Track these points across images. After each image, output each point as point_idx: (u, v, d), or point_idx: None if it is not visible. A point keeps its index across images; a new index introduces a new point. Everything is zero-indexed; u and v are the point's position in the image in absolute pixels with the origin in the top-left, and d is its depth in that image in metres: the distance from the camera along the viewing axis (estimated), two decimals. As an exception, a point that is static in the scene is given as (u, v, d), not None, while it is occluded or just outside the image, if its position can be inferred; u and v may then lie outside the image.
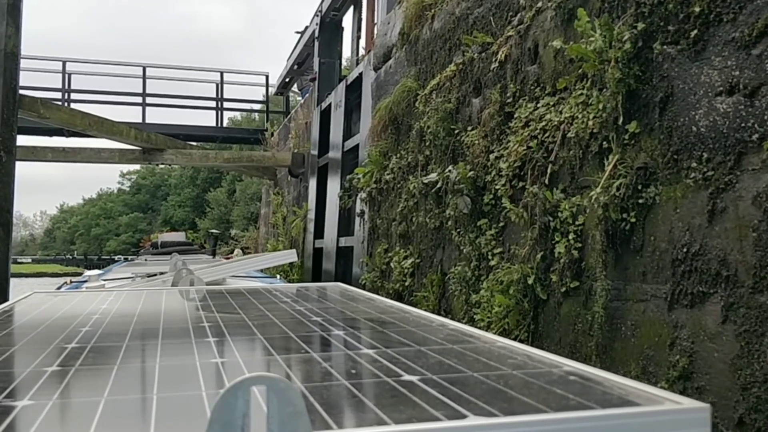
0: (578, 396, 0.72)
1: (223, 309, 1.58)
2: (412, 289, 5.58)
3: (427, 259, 5.36)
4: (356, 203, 7.25)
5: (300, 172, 11.71)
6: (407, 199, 5.69)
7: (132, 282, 3.88)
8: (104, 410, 0.72)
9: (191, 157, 11.64)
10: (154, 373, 0.91)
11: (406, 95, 5.82)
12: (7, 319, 1.47)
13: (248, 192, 31.17)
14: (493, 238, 4.23)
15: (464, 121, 4.79)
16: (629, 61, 3.06)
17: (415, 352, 0.99)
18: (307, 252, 10.34)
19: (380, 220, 6.52)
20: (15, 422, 0.68)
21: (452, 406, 0.69)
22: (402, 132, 6.04)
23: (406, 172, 5.73)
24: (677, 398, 0.68)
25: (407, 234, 5.78)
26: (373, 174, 6.56)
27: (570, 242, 3.43)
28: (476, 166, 4.39)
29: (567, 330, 3.50)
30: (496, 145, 4.24)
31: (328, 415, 0.67)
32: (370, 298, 1.80)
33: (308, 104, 12.03)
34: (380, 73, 7.02)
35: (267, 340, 1.14)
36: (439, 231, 5.11)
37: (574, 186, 3.54)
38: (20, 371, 0.93)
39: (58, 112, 9.59)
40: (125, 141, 10.81)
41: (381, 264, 6.37)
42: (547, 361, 0.91)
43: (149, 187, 62.84)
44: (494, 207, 4.28)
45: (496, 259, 4.15)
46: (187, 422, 0.71)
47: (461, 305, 4.56)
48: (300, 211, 10.79)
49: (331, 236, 8.92)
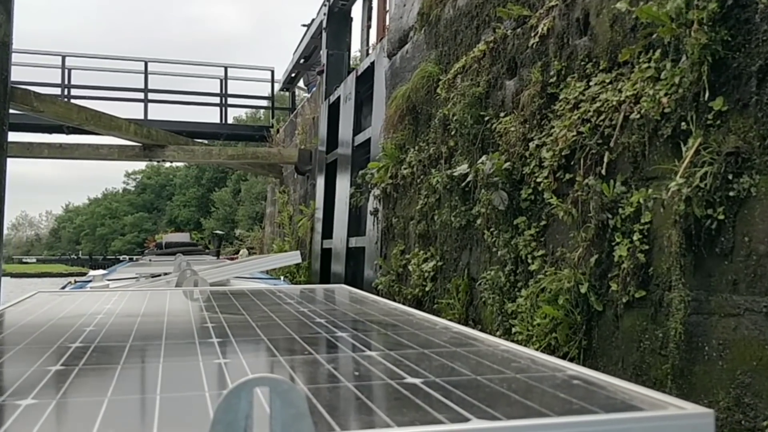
0: (582, 400, 0.72)
1: (226, 310, 1.57)
2: (433, 295, 5.03)
3: (450, 262, 4.81)
4: (369, 201, 6.70)
5: (307, 169, 11.18)
6: (428, 195, 5.14)
7: (136, 282, 3.89)
8: (107, 410, 0.72)
9: (194, 153, 11.07)
10: (157, 374, 0.91)
11: (426, 81, 5.28)
12: (12, 318, 1.47)
13: (253, 191, 30.77)
14: (533, 238, 3.68)
15: (495, 106, 4.24)
16: (715, 23, 2.51)
17: (418, 355, 0.99)
18: (314, 253, 9.80)
19: (396, 218, 5.98)
20: (18, 421, 0.68)
21: (455, 409, 0.69)
22: (421, 122, 5.49)
23: (427, 165, 5.19)
24: (681, 403, 0.68)
25: (427, 234, 5.24)
26: (388, 169, 6.02)
27: (634, 244, 2.87)
28: (512, 157, 3.84)
29: (630, 348, 2.95)
30: (536, 131, 3.69)
31: (331, 417, 0.67)
32: (374, 301, 1.77)
33: (315, 98, 11.49)
34: (395, 59, 6.48)
35: (270, 341, 1.14)
36: (466, 230, 4.56)
37: (638, 177, 2.98)
38: (24, 370, 0.92)
39: (53, 106, 9.05)
40: (124, 136, 10.26)
41: (397, 267, 5.83)
42: (550, 365, 0.90)
43: (154, 186, 62.61)
44: (534, 203, 3.73)
45: (537, 263, 3.60)
46: (190, 423, 0.71)
47: (493, 315, 4.02)
48: (307, 209, 10.25)
49: (340, 236, 8.38)
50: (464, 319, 4.46)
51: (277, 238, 12.74)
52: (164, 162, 10.94)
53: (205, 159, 11.44)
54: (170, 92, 15.41)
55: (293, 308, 1.60)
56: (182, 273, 2.78)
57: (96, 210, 67.36)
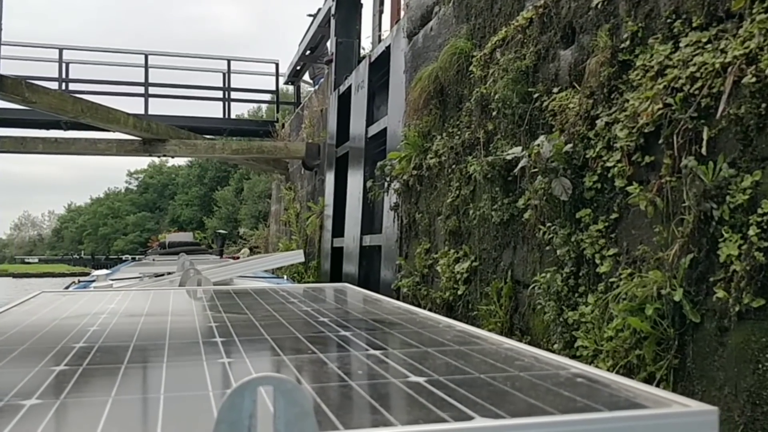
0: (585, 398, 0.72)
1: (230, 309, 1.56)
2: (467, 300, 4.44)
3: (489, 263, 4.22)
4: (387, 195, 6.11)
5: (315, 164, 10.61)
6: (461, 186, 4.56)
7: (140, 282, 3.86)
8: (111, 410, 0.72)
9: (196, 148, 10.45)
10: (161, 373, 0.91)
11: (456, 59, 4.69)
12: (16, 318, 1.46)
13: (256, 190, 30.34)
14: (600, 234, 3.09)
15: (547, 81, 3.65)
16: None
17: (421, 354, 0.99)
18: (324, 252, 9.22)
19: (420, 214, 5.39)
20: (22, 421, 0.68)
21: (459, 407, 0.68)
22: (450, 105, 4.91)
23: (460, 152, 4.59)
24: (685, 401, 0.67)
25: (459, 230, 4.65)
26: (411, 159, 5.43)
27: (750, 240, 2.28)
28: (572, 138, 3.25)
29: (743, 370, 2.36)
30: (603, 107, 3.10)
31: (335, 416, 0.67)
32: (377, 299, 1.75)
33: (323, 89, 10.89)
34: (417, 39, 5.88)
35: (274, 340, 1.13)
36: (509, 226, 3.97)
37: (750, 157, 2.39)
38: (28, 370, 0.92)
39: (46, 96, 8.43)
40: (123, 130, 9.63)
41: (421, 267, 5.25)
42: (554, 362, 0.89)
43: (157, 186, 62.30)
44: (601, 192, 3.14)
45: (607, 264, 3.01)
46: (194, 422, 0.70)
47: (548, 324, 3.43)
48: (316, 206, 9.65)
49: (352, 234, 7.79)
50: (508, 328, 3.87)
51: (283, 236, 12.17)
52: (165, 157, 10.26)
53: (208, 154, 10.82)
54: (172, 86, 14.78)
55: (297, 307, 1.59)
56: (185, 272, 2.76)
57: (98, 210, 67.07)
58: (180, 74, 16.77)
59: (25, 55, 14.21)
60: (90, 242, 64.33)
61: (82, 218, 69.42)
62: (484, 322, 4.06)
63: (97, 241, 63.26)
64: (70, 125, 13.11)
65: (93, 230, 64.50)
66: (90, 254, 61.12)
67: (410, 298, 5.30)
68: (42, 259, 65.05)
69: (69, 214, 76.15)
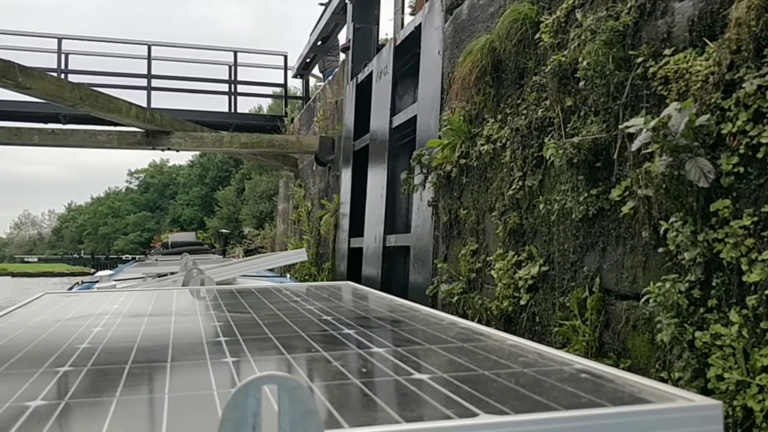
0: (590, 394, 0.71)
1: (233, 308, 1.57)
2: (533, 312, 3.72)
3: (565, 267, 3.50)
4: (421, 190, 5.39)
5: (329, 159, 9.92)
6: (525, 175, 3.84)
7: (143, 282, 3.87)
8: (116, 410, 0.71)
9: (203, 141, 9.67)
10: (165, 373, 0.89)
11: (519, 27, 3.97)
12: (20, 319, 1.46)
13: (257, 190, 29.86)
14: (747, 233, 2.37)
15: (654, 41, 2.93)
16: None
17: (425, 351, 1.00)
18: (339, 253, 8.50)
19: (465, 210, 4.68)
20: (28, 422, 0.68)
21: (463, 404, 0.68)
22: (507, 81, 4.19)
23: (526, 136, 3.87)
24: (689, 395, 0.67)
25: (521, 229, 3.94)
26: (455, 147, 4.72)
27: None
28: (701, 109, 2.53)
29: None
30: (751, 67, 2.38)
31: (339, 414, 0.66)
32: (380, 297, 1.74)
33: (339, 80, 10.18)
34: (460, 12, 5.17)
35: (278, 339, 1.13)
36: (595, 222, 3.25)
37: None
38: (33, 371, 0.91)
39: (41, 82, 7.69)
40: (124, 120, 8.85)
41: (467, 271, 4.54)
42: (558, 359, 0.89)
43: (157, 185, 61.89)
44: (745, 177, 2.42)
45: (758, 272, 2.29)
46: (198, 421, 0.70)
47: (659, 346, 2.71)
48: (330, 204, 8.94)
49: (374, 234, 7.05)
50: (597, 348, 3.15)
51: (293, 236, 11.48)
52: (170, 150, 9.52)
53: (215, 147, 10.10)
54: (175, 78, 14.03)
55: (300, 306, 1.58)
56: (188, 272, 2.76)
57: (98, 209, 66.70)
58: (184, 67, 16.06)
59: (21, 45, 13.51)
60: (90, 242, 63.88)
61: (83, 217, 69.04)
62: (560, 338, 3.34)
63: (98, 240, 62.82)
64: (70, 119, 12.39)
65: (93, 230, 64.05)
66: (90, 254, 60.62)
67: (451, 306, 4.59)
68: (41, 259, 64.59)
69: (69, 214, 75.73)
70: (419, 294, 5.22)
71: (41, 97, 7.99)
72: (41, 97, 7.96)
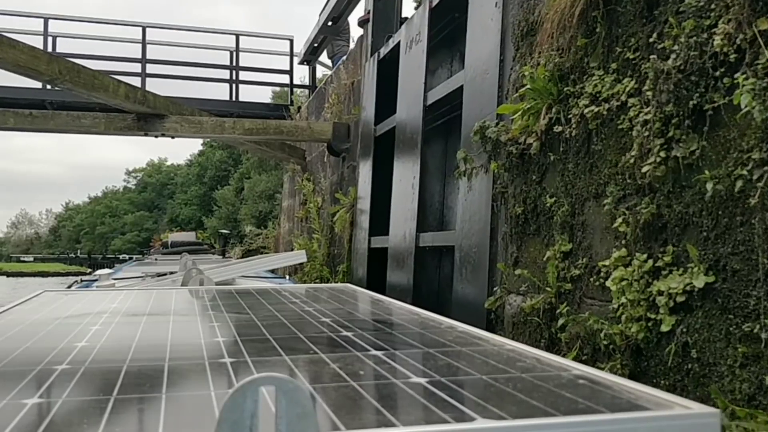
0: (587, 400, 0.72)
1: (232, 309, 1.58)
2: (686, 342, 2.52)
3: (750, 278, 2.29)
4: (480, 173, 4.28)
5: (344, 147, 8.82)
6: (674, 142, 2.68)
7: (142, 281, 3.90)
8: (113, 409, 0.72)
9: (201, 126, 8.48)
10: (163, 372, 0.90)
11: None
12: (18, 317, 1.47)
13: (257, 190, 29.92)
14: None
15: None
16: None
17: (423, 354, 1.00)
18: (357, 254, 7.21)
19: (552, 197, 3.52)
20: (24, 420, 0.68)
21: (460, 408, 0.69)
22: (628, 15, 3.07)
23: (670, 89, 2.66)
24: (687, 403, 0.68)
25: (659, 221, 2.75)
26: (539, 114, 3.57)
27: None
28: None
29: None
30: None
31: (336, 416, 0.67)
32: (378, 300, 1.76)
33: (355, 59, 8.83)
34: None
35: (276, 340, 1.14)
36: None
37: None
38: (29, 369, 0.92)
39: (12, 51, 6.26)
40: (112, 101, 7.57)
41: (555, 281, 3.34)
42: (555, 364, 0.90)
43: (155, 185, 61.94)
44: None
45: None
46: (196, 421, 0.71)
47: None
48: (345, 198, 7.90)
49: (403, 232, 5.74)
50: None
51: (301, 234, 10.86)
52: (164, 137, 8.61)
53: (215, 134, 8.85)
54: (172, 63, 12.56)
55: (298, 307, 1.60)
56: (188, 272, 2.79)
57: (96, 208, 66.72)
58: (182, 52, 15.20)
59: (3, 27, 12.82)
60: (87, 241, 63.87)
61: (80, 217, 69.01)
62: (746, 386, 2.24)
63: (95, 240, 62.83)
64: (57, 106, 11.69)
65: (90, 229, 64.03)
66: (86, 254, 60.54)
67: (529, 327, 3.50)
68: (38, 258, 64.49)
69: (67, 213, 75.67)
70: (469, 309, 4.13)
71: (12, 69, 6.56)
72: (12, 70, 6.56)
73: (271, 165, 30.58)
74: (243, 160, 38.10)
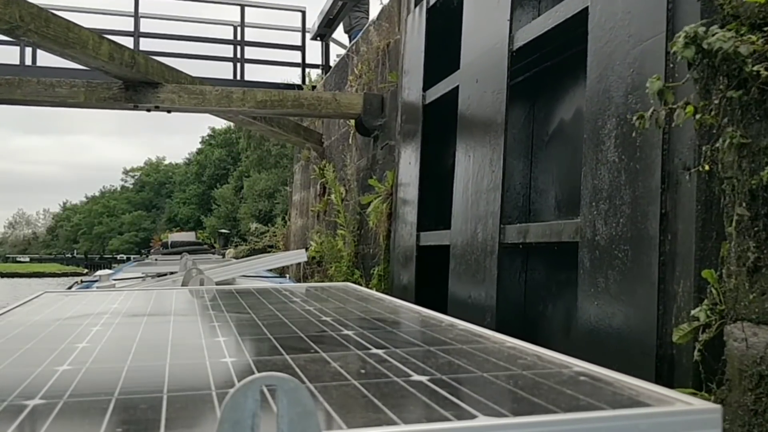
0: (588, 396, 0.72)
1: (232, 309, 1.59)
2: None
3: None
4: (673, 122, 2.18)
5: (377, 124, 7.14)
6: None
7: (142, 282, 3.92)
8: (115, 409, 0.73)
9: (204, 98, 6.74)
10: (164, 372, 0.91)
11: None
12: (19, 318, 1.49)
13: (256, 188, 29.82)
14: None
15: None
16: None
17: (424, 352, 1.00)
18: (400, 254, 5.43)
19: None
20: (26, 421, 0.69)
21: (462, 406, 0.69)
22: None
23: None
24: (688, 399, 0.68)
25: None
26: None
27: None
28: None
29: None
30: None
31: (338, 415, 0.68)
32: (379, 298, 1.77)
33: (388, 15, 7.05)
34: None
35: (277, 339, 1.15)
36: None
37: None
38: (31, 370, 0.93)
39: None
40: (92, 62, 5.54)
41: None
42: (557, 361, 0.90)
43: (153, 184, 61.81)
44: None
45: None
46: (197, 421, 0.71)
47: None
48: (381, 186, 6.35)
49: (474, 225, 4.02)
50: None
51: (321, 230, 8.77)
52: (158, 110, 6.61)
53: (221, 107, 6.99)
54: (169, 37, 11.18)
55: (299, 306, 1.60)
56: (188, 272, 2.79)
57: (94, 208, 66.57)
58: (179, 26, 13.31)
59: None
60: (85, 241, 63.70)
61: (78, 217, 68.84)
62: None
63: (92, 240, 62.66)
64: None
65: (88, 229, 63.84)
66: (84, 253, 60.38)
67: None
68: (34, 258, 64.30)
69: (64, 213, 75.47)
70: (610, 341, 2.57)
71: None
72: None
73: (271, 163, 30.33)
74: (242, 158, 37.96)
